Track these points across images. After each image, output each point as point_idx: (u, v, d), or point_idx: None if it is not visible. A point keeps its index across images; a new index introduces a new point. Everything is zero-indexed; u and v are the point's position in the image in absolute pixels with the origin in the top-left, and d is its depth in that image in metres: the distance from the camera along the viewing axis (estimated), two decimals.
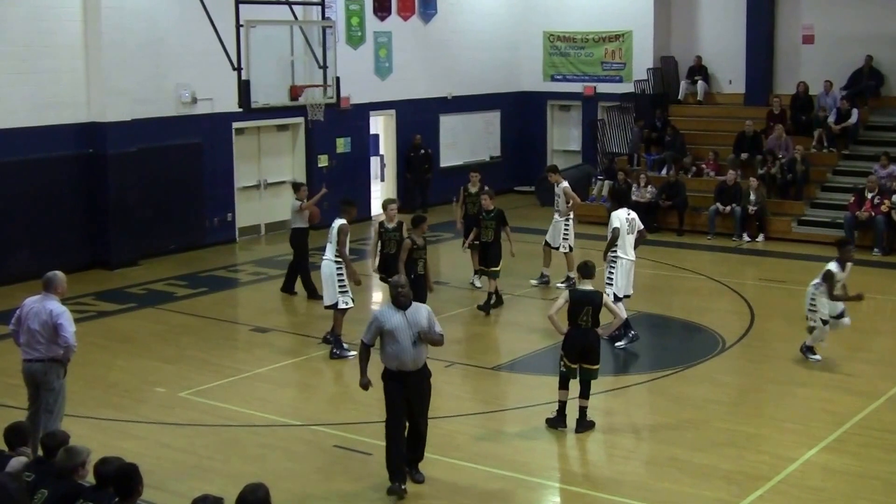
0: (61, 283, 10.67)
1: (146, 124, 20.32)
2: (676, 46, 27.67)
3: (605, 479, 10.50)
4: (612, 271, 14.71)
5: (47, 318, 10.37)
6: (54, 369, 10.49)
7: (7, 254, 18.60)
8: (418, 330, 9.91)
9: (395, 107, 26.13)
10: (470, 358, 14.66)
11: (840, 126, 23.98)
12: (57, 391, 10.57)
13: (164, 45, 20.71)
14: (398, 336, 9.85)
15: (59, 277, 10.70)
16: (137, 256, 20.23)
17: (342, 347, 14.45)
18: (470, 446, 11.37)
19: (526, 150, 29.13)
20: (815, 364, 14.07)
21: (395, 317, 9.93)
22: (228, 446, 11.42)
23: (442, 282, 18.36)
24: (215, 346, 15.20)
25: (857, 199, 21.43)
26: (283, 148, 23.92)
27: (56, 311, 10.39)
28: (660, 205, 23.53)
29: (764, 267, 20.58)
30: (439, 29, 27.04)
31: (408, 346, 9.85)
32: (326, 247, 14.56)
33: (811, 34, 25.72)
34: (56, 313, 10.37)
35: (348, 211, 14.71)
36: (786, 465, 10.71)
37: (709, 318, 16.49)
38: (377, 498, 9.96)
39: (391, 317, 9.94)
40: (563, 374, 11.70)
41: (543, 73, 29.31)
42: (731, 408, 12.74)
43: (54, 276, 10.67)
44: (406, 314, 9.96)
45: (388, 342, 9.95)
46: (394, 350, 9.89)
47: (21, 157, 18.65)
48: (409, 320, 9.91)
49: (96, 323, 16.37)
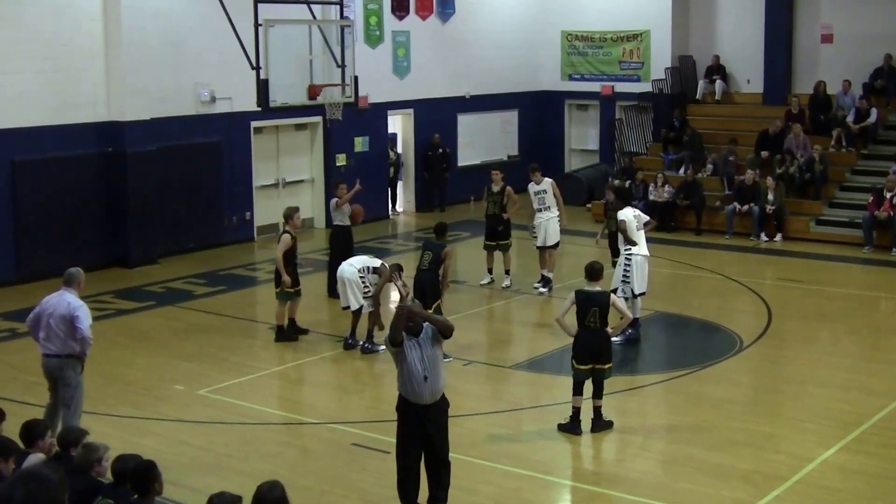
0: (82, 280, 10.82)
1: (165, 123, 20.42)
2: (694, 46, 27.62)
3: (621, 479, 10.50)
4: (627, 269, 14.71)
5: (65, 311, 10.50)
6: (71, 364, 10.61)
7: (27, 252, 18.72)
8: (429, 347, 9.19)
9: (412, 106, 26.17)
10: (488, 357, 14.69)
11: (859, 126, 23.89)
12: (74, 386, 10.68)
13: (183, 45, 20.80)
14: (413, 369, 9.15)
15: (80, 274, 10.84)
16: (156, 255, 20.32)
17: (373, 342, 14.56)
18: (487, 445, 11.38)
19: (544, 150, 29.13)
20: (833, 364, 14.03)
21: (413, 349, 9.19)
22: (246, 444, 11.46)
23: (460, 281, 18.38)
24: (234, 344, 15.25)
25: (876, 199, 21.34)
26: (301, 147, 23.98)
27: (74, 304, 10.55)
28: (677, 204, 23.49)
29: (782, 267, 20.53)
30: (457, 28, 27.05)
31: (421, 378, 9.14)
32: (356, 255, 15.17)
33: (830, 33, 25.63)
34: (74, 306, 10.52)
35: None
36: (803, 466, 10.68)
37: (726, 318, 16.46)
38: (395, 496, 9.97)
39: (409, 349, 9.18)
40: (577, 378, 11.65)
41: (561, 72, 29.31)
42: (749, 407, 12.71)
43: (76, 271, 10.82)
44: (419, 341, 9.22)
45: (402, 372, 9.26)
46: (408, 381, 9.21)
47: (41, 156, 18.75)
48: (422, 350, 9.19)
49: (116, 321, 16.45)
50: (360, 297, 14.51)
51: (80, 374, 10.75)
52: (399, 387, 9.32)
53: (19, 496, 4.53)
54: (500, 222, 18.11)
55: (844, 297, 18.06)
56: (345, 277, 14.62)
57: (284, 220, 15.47)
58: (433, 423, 9.26)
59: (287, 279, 14.97)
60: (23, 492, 4.55)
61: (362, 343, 14.62)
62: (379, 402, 12.89)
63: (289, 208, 15.67)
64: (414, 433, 9.27)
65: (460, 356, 14.27)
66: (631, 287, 14.65)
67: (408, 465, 9.35)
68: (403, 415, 9.34)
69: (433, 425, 9.26)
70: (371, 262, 14.86)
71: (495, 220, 18.14)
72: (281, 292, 15.11)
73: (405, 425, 9.33)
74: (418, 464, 9.41)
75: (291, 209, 15.58)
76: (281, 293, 15.12)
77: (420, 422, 9.23)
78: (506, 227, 18.13)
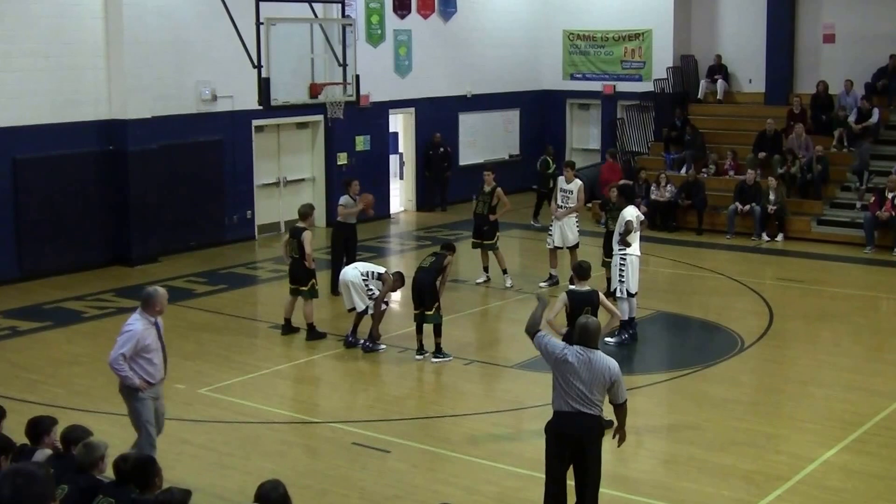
0: (152, 300, 9.94)
1: (167, 121, 20.41)
2: (696, 45, 27.62)
3: (623, 478, 10.49)
4: (623, 268, 14.69)
5: None
6: (125, 389, 10.01)
7: (28, 250, 18.71)
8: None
9: (414, 105, 26.17)
10: (489, 356, 14.68)
11: (861, 126, 23.88)
12: (132, 411, 10.03)
13: (184, 43, 20.79)
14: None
15: (149, 294, 10.01)
16: (157, 253, 20.31)
17: (374, 341, 14.57)
18: (488, 444, 11.38)
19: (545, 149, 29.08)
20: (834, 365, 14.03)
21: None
22: (248, 443, 11.46)
23: (460, 280, 18.38)
24: (235, 342, 15.25)
25: (878, 199, 21.33)
26: (302, 146, 23.98)
27: (124, 326, 9.90)
28: (679, 204, 23.49)
29: (783, 266, 20.52)
30: (459, 27, 27.05)
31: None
32: (358, 260, 15.32)
33: (832, 33, 25.62)
34: (122, 329, 9.88)
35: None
36: (805, 466, 10.68)
37: (727, 318, 16.45)
38: (395, 496, 9.98)
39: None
40: None
41: (563, 71, 29.30)
42: (750, 407, 12.71)
43: (149, 291, 10.07)
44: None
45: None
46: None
47: (43, 154, 18.75)
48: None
49: (116, 319, 16.38)
50: (365, 298, 14.53)
51: (135, 401, 9.91)
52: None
53: (7, 492, 4.59)
54: (485, 222, 18.18)
55: (846, 297, 18.06)
56: (348, 281, 14.62)
57: (303, 217, 15.41)
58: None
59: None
60: (11, 488, 4.60)
61: (363, 342, 14.62)
62: (380, 401, 12.91)
63: (308, 206, 15.72)
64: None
65: (461, 355, 14.28)
66: (626, 287, 14.64)
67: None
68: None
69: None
70: (376, 268, 14.89)
71: (481, 219, 18.27)
72: (309, 290, 15.10)
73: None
74: None
75: (310, 207, 15.69)
76: (309, 291, 15.11)
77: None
78: (491, 228, 18.17)
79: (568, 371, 8.49)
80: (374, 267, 14.98)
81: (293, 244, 15.17)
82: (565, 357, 8.53)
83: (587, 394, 8.49)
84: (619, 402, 8.73)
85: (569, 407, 8.51)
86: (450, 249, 14.78)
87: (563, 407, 8.56)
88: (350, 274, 14.70)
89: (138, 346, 9.71)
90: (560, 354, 8.57)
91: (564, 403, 8.54)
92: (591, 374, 8.47)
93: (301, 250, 14.97)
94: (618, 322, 12.79)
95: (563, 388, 8.53)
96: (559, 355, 8.56)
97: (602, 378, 8.50)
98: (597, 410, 8.59)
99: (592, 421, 8.59)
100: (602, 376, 8.50)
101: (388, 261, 20.37)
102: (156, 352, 9.90)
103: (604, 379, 8.50)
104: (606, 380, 8.51)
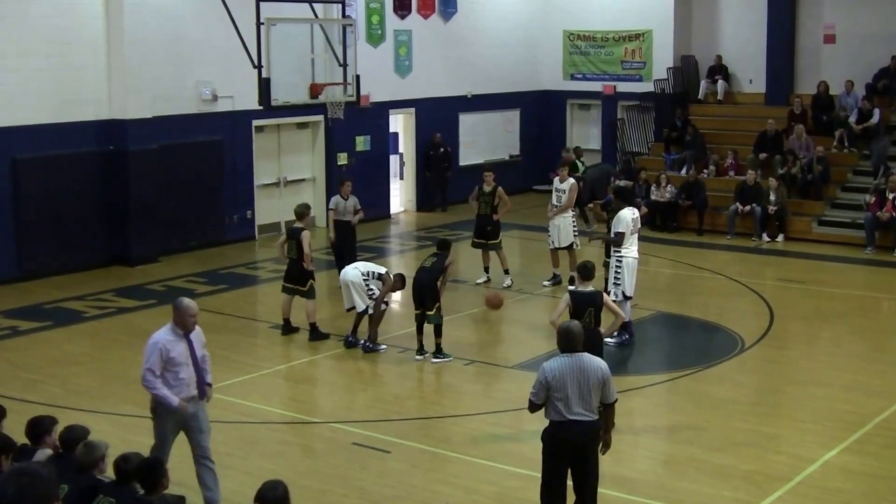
0: (181, 310, 9.47)
1: (167, 121, 20.41)
2: (697, 46, 27.60)
3: (623, 479, 10.48)
4: (619, 271, 14.64)
5: None
6: (152, 402, 9.54)
7: (28, 250, 18.70)
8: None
9: (414, 105, 26.16)
10: (489, 356, 14.67)
11: (861, 126, 23.87)
12: (155, 419, 9.56)
13: (185, 43, 20.78)
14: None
15: (177, 305, 9.53)
16: (157, 253, 20.30)
17: (374, 341, 14.57)
18: (488, 444, 11.37)
19: (545, 149, 29.12)
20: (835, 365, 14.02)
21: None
22: (247, 443, 11.45)
23: (460, 280, 18.36)
24: (235, 343, 15.23)
25: (878, 200, 21.32)
26: (302, 146, 23.98)
27: (150, 339, 9.37)
28: (679, 204, 23.48)
29: (783, 267, 20.50)
30: (459, 27, 27.04)
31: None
32: (358, 261, 15.33)
33: (832, 33, 25.61)
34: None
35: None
36: (805, 466, 10.67)
37: (728, 318, 16.44)
38: (395, 496, 9.97)
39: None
40: None
41: (563, 71, 29.28)
42: (751, 408, 12.70)
43: (176, 302, 9.58)
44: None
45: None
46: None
47: (42, 154, 18.74)
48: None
49: (116, 319, 16.45)
50: (366, 298, 14.51)
51: (153, 415, 9.48)
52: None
53: (12, 491, 4.58)
54: (489, 222, 18.25)
55: (846, 297, 18.05)
56: (349, 281, 14.60)
57: (299, 217, 15.40)
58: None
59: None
60: (15, 487, 4.60)
61: (363, 342, 14.60)
62: (380, 401, 12.90)
63: (304, 205, 15.73)
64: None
65: (461, 356, 14.26)
66: (622, 289, 14.59)
67: None
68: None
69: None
70: (377, 268, 14.86)
71: (485, 219, 18.33)
72: (309, 289, 15.10)
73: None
74: None
75: (306, 206, 15.71)
76: (308, 291, 15.10)
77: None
78: (494, 228, 18.26)
79: (559, 385, 8.44)
80: (374, 267, 14.95)
81: (291, 244, 15.16)
82: (554, 376, 8.44)
83: (585, 398, 8.46)
84: (610, 401, 8.71)
85: (570, 415, 8.47)
86: (445, 247, 14.77)
87: (561, 416, 8.49)
88: (350, 274, 14.67)
89: (163, 358, 9.14)
90: (546, 382, 8.46)
91: (563, 413, 8.47)
92: (584, 377, 8.45)
93: (300, 251, 14.97)
94: (621, 323, 12.74)
95: (558, 399, 8.46)
96: (546, 383, 8.48)
97: (596, 377, 8.48)
98: (595, 416, 8.58)
99: (592, 427, 8.57)
100: (596, 376, 8.48)
101: (389, 261, 20.37)
102: (183, 366, 9.25)
103: (598, 378, 8.49)
104: (600, 378, 8.50)
